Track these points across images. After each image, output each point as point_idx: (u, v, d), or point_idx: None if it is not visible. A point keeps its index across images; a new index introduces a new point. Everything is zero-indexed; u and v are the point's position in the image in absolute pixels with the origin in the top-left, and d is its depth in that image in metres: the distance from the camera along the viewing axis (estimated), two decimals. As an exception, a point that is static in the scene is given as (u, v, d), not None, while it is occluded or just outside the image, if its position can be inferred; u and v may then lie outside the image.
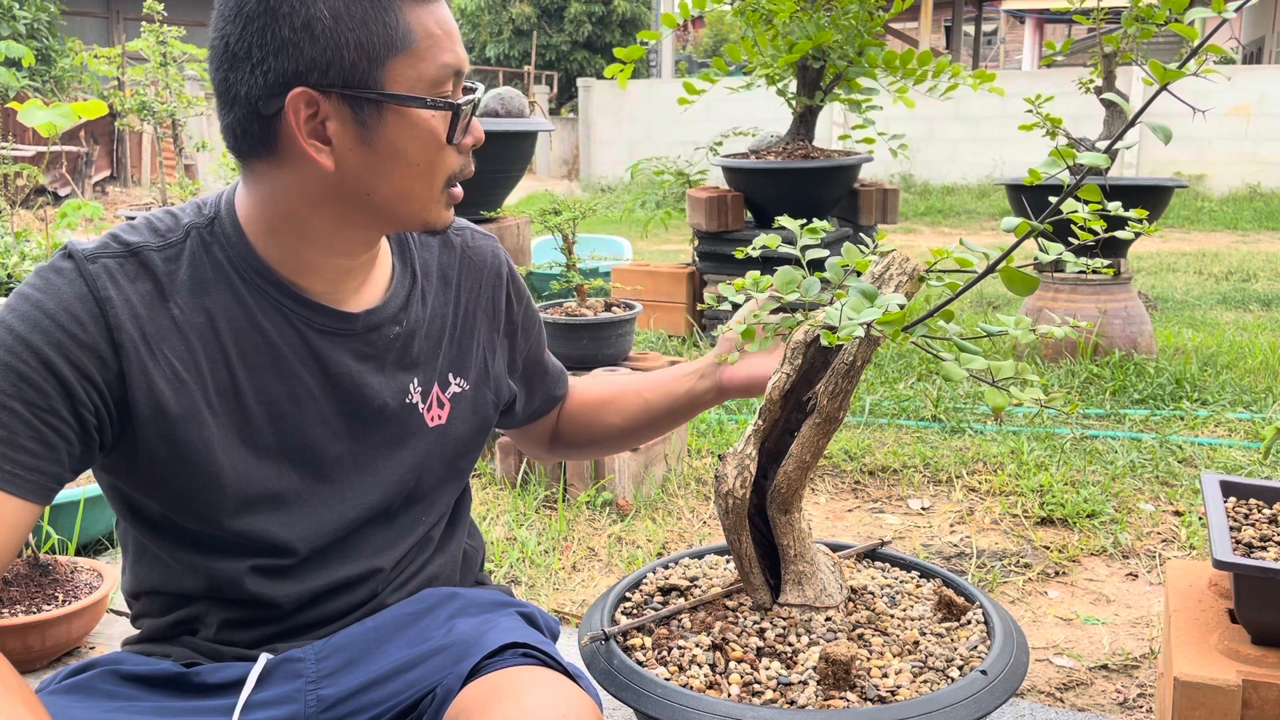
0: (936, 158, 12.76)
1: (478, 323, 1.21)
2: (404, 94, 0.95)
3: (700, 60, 21.69)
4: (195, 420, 1.00)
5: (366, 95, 0.94)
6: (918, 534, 2.64)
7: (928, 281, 1.16)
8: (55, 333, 0.94)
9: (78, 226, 3.26)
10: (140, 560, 1.11)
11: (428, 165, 0.99)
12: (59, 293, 0.95)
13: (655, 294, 4.88)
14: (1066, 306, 4.18)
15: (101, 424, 0.97)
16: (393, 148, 0.97)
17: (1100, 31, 4.14)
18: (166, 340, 0.99)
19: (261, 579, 1.07)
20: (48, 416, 0.93)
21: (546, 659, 1.03)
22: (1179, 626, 1.52)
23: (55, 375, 0.93)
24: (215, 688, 1.05)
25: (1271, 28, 17.30)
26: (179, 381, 0.99)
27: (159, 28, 4.46)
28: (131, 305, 0.97)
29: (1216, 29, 0.99)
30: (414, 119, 0.96)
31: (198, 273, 1.01)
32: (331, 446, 1.08)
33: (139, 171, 13.18)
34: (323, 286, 1.05)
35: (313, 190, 0.99)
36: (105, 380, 0.96)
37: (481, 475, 3.02)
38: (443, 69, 0.97)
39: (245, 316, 1.02)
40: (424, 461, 1.15)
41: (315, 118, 0.95)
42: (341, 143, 0.96)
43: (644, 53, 4.37)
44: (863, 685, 1.12)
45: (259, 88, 0.94)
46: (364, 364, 1.08)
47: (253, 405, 1.03)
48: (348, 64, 0.93)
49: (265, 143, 0.97)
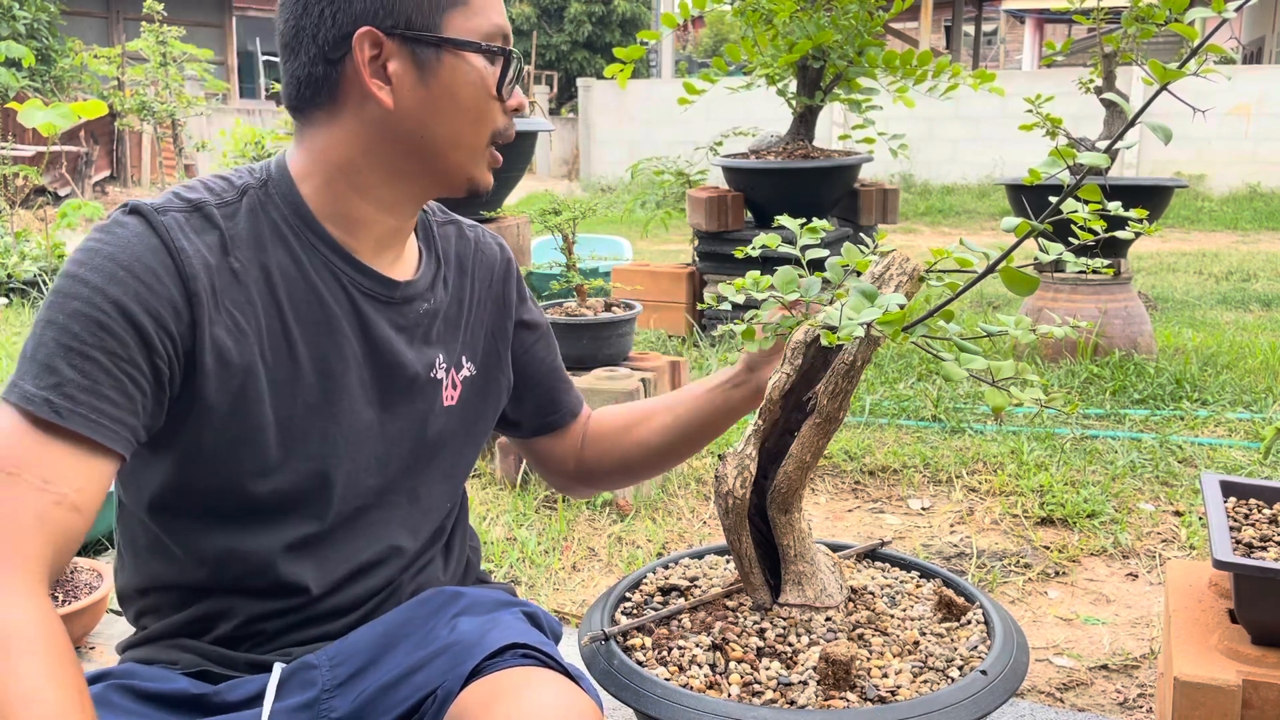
0: (936, 158, 12.76)
1: (488, 312, 1.24)
2: (461, 38, 1.03)
3: (700, 60, 21.70)
4: (252, 373, 1.01)
5: (427, 37, 1.01)
6: (918, 534, 2.64)
7: (928, 281, 1.16)
8: (132, 283, 0.95)
9: (77, 226, 3.25)
10: (154, 555, 1.09)
11: (477, 112, 1.06)
12: (130, 245, 0.96)
13: (655, 294, 4.88)
14: (1066, 306, 4.18)
15: (173, 376, 0.98)
16: (447, 90, 1.03)
17: (1100, 31, 4.14)
18: (229, 293, 1.01)
19: (290, 558, 1.07)
20: (127, 367, 0.94)
21: (547, 660, 1.03)
22: (1179, 626, 1.52)
23: (134, 325, 0.94)
24: (235, 705, 1.04)
25: (1271, 28, 17.31)
26: (240, 333, 1.01)
27: (159, 28, 4.47)
28: (202, 255, 0.99)
29: (1216, 29, 0.99)
30: (468, 64, 1.03)
31: (255, 229, 1.04)
32: (364, 412, 1.10)
33: (139, 171, 13.18)
34: (370, 250, 1.09)
35: (369, 135, 1.03)
36: (179, 331, 0.97)
37: (481, 475, 3.02)
38: (494, 27, 1.05)
39: (300, 274, 1.05)
40: (442, 438, 1.17)
41: (378, 59, 1.01)
42: (401, 82, 1.02)
43: (644, 53, 4.37)
44: (863, 685, 1.12)
45: (328, 29, 1.00)
46: (400, 334, 1.12)
47: (304, 361, 1.05)
48: (410, 9, 1.00)
49: (327, 86, 1.02)
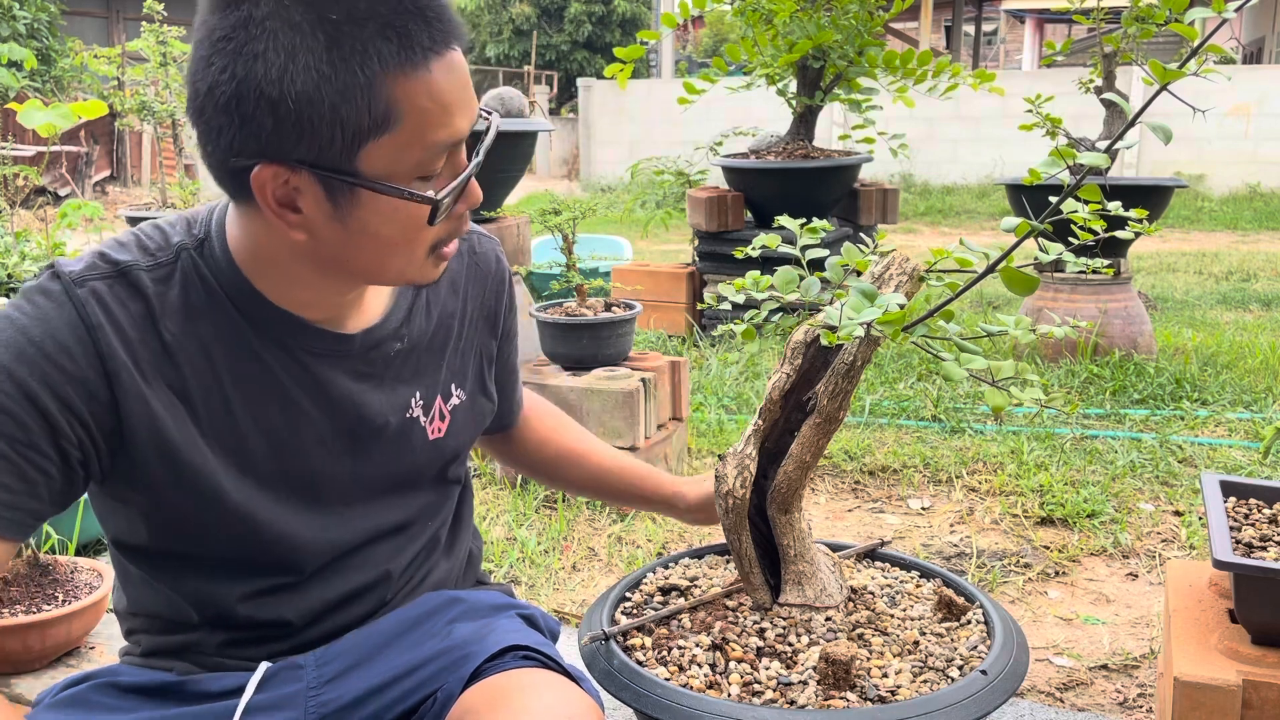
0: (936, 158, 12.75)
1: (479, 330, 1.19)
2: (379, 182, 0.87)
3: (700, 60, 21.68)
4: (194, 448, 0.97)
5: (339, 179, 0.87)
6: (918, 534, 2.64)
7: (928, 281, 1.16)
8: (40, 363, 0.89)
9: (78, 226, 3.25)
10: (138, 584, 1.08)
11: (406, 243, 0.92)
12: (46, 319, 0.90)
13: (655, 294, 4.87)
14: (1066, 306, 4.18)
15: (87, 457, 0.93)
16: (366, 229, 0.90)
17: (1100, 31, 4.14)
18: (158, 366, 0.94)
19: (266, 600, 1.05)
20: (28, 451, 0.89)
21: (548, 661, 1.03)
22: (1179, 626, 1.52)
23: (37, 408, 0.89)
24: (214, 695, 1.03)
25: (1271, 28, 17.30)
26: (174, 408, 0.95)
27: (159, 28, 4.46)
28: (123, 330, 0.92)
29: (1216, 29, 0.99)
30: (391, 205, 0.89)
31: (190, 297, 0.96)
32: (333, 467, 1.05)
33: (139, 171, 13.18)
34: (318, 312, 1.01)
35: (293, 248, 0.93)
36: (93, 412, 0.91)
37: (481, 475, 3.02)
38: (431, 150, 0.88)
39: (239, 343, 0.98)
40: (425, 472, 1.13)
41: (287, 185, 0.88)
42: (313, 215, 0.89)
43: (644, 53, 4.38)
44: (863, 685, 1.12)
45: (226, 149, 0.87)
46: (363, 383, 1.05)
47: (251, 435, 0.99)
48: (319, 146, 0.85)
49: (244, 196, 0.90)
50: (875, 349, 1.18)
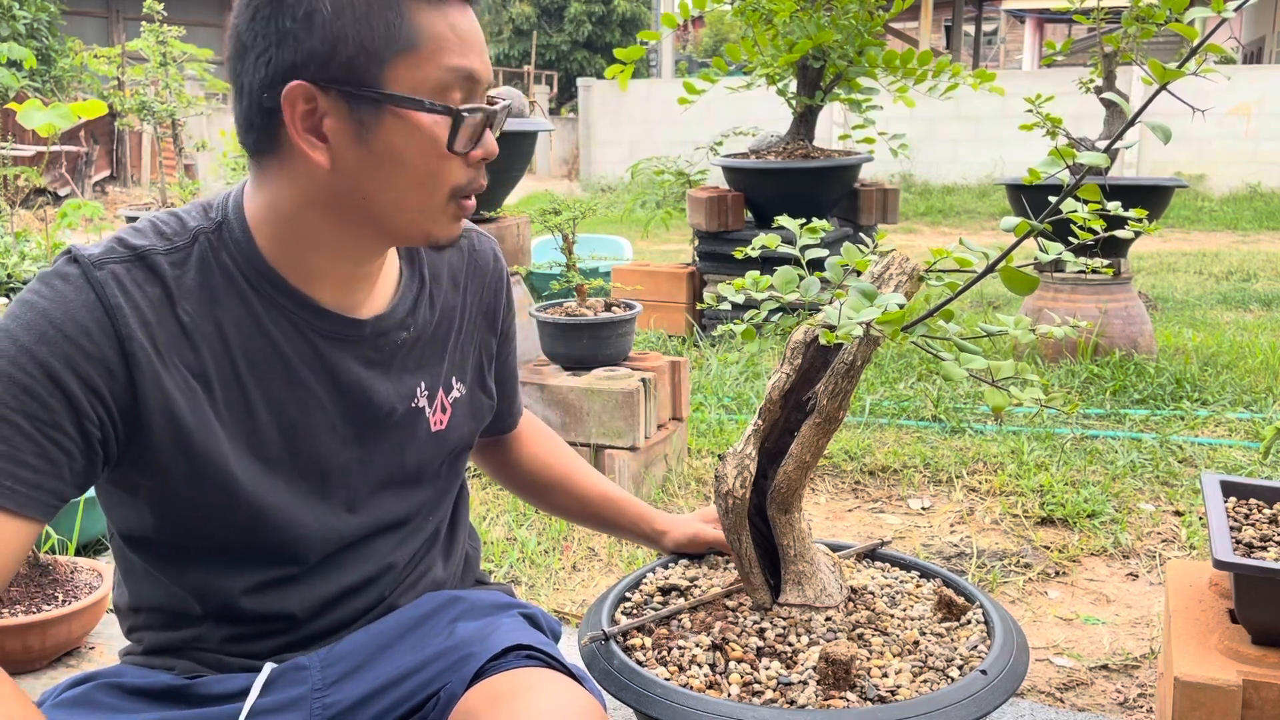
0: (936, 158, 12.75)
1: (478, 326, 1.20)
2: (401, 94, 0.92)
3: (700, 60, 21.69)
4: (208, 431, 0.98)
5: (364, 93, 0.92)
6: (918, 534, 2.64)
7: (927, 281, 1.16)
8: (62, 344, 0.91)
9: (77, 226, 3.25)
10: (141, 578, 1.09)
11: (427, 173, 0.96)
12: (65, 301, 0.92)
13: (655, 294, 4.87)
14: (1066, 306, 4.18)
15: (106, 438, 0.94)
16: (390, 150, 0.94)
17: (1100, 31, 4.14)
18: (176, 348, 0.96)
19: (270, 592, 1.06)
20: (51, 431, 0.90)
21: (551, 661, 1.03)
22: (1179, 626, 1.52)
23: (60, 388, 0.90)
24: (219, 697, 1.04)
25: (1271, 28, 17.30)
26: (190, 390, 0.97)
27: (159, 28, 4.46)
28: (141, 312, 0.94)
29: (1216, 29, 0.99)
30: (413, 122, 0.93)
31: (206, 280, 0.98)
32: (340, 455, 1.06)
33: (139, 171, 13.18)
34: (330, 293, 1.03)
35: (313, 190, 0.96)
36: (112, 392, 0.93)
37: (481, 475, 3.01)
38: (449, 73, 0.93)
39: (255, 325, 1.00)
40: (427, 466, 1.14)
41: (314, 113, 0.92)
42: (338, 140, 0.93)
43: (644, 53, 4.38)
44: (863, 685, 1.12)
45: (261, 79, 0.92)
46: (372, 370, 1.07)
47: (263, 416, 1.01)
48: (347, 59, 0.91)
49: (269, 137, 0.95)
50: (875, 349, 1.18)
